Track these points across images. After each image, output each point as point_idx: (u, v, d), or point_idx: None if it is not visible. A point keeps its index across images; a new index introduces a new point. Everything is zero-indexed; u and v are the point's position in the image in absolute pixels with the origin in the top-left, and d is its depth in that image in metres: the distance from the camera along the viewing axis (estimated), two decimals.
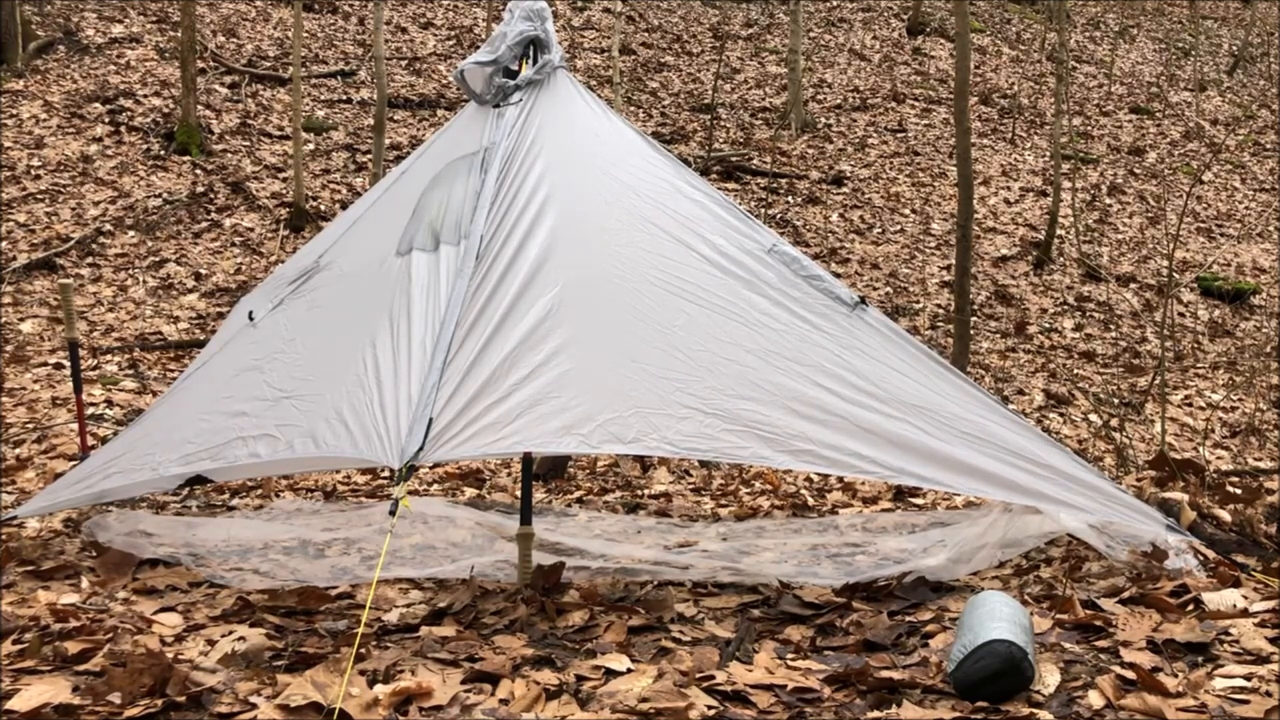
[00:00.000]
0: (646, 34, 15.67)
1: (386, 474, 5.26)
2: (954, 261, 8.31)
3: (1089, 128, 14.88)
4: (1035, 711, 2.15)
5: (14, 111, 10.70)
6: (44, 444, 5.57)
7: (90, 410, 5.97)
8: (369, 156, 10.51)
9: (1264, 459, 6.67)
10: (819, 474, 5.30)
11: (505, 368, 2.88)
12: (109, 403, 6.39)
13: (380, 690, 2.31)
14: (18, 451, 5.44)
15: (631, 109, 12.99)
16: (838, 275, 8.42)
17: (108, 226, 9.25)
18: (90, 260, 8.83)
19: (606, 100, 6.82)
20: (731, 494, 5.22)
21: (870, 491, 5.14)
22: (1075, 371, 8.76)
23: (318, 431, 2.92)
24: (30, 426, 5.84)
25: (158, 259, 8.98)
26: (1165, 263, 10.50)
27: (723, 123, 13.23)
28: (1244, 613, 2.55)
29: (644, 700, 2.28)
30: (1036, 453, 3.06)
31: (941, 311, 9.58)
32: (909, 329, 7.79)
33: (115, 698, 2.28)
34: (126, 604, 3.14)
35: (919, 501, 4.91)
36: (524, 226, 3.13)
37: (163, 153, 10.48)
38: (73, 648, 2.60)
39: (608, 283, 3.12)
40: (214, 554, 3.75)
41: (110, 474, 3.45)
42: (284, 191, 10.16)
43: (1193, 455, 6.29)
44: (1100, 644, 2.47)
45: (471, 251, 3.05)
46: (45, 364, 6.97)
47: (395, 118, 11.79)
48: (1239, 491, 3.80)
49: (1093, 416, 7.50)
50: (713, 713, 2.26)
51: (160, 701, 2.27)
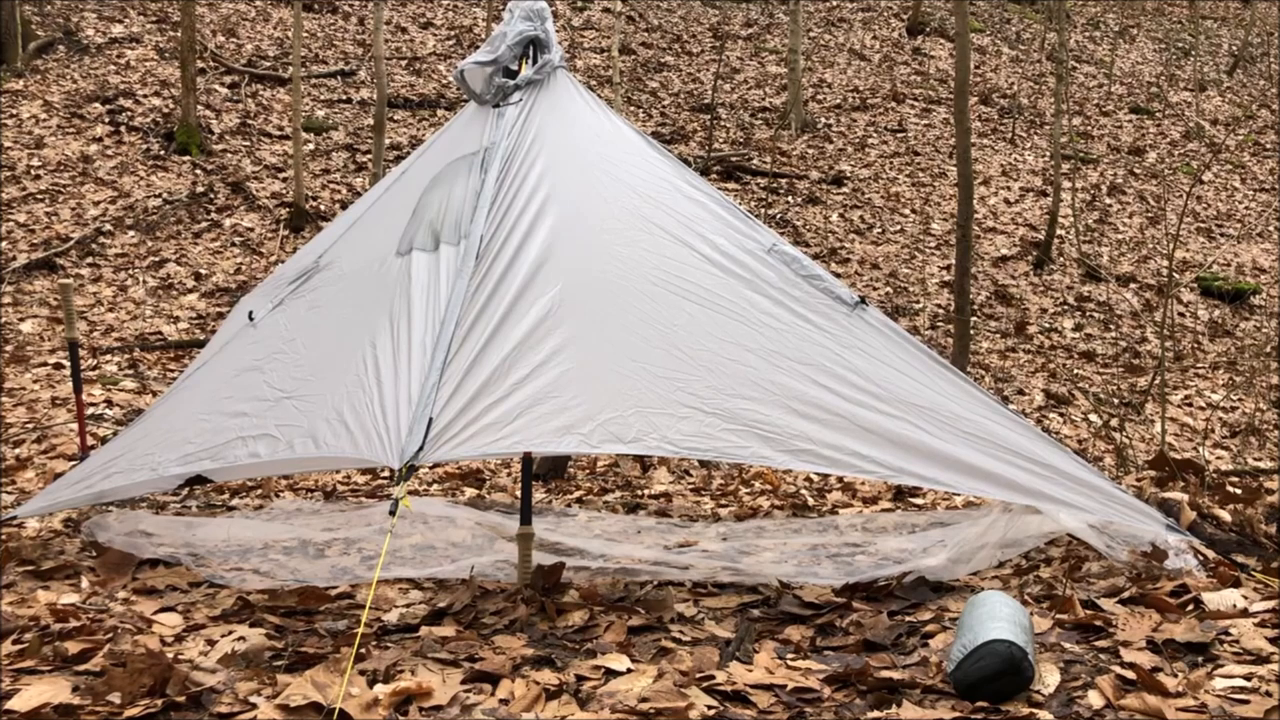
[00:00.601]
0: (646, 34, 15.67)
1: (386, 474, 5.25)
2: (954, 261, 8.31)
3: (1089, 128, 14.88)
4: (1035, 711, 2.15)
5: (14, 111, 10.70)
6: (44, 444, 5.57)
7: (90, 410, 5.97)
8: (369, 156, 10.51)
9: (1264, 459, 6.67)
10: (819, 474, 5.30)
11: (505, 368, 2.88)
12: (109, 403, 6.39)
13: (380, 690, 2.31)
14: (18, 451, 5.44)
15: (631, 109, 12.98)
16: (838, 275, 8.41)
17: (108, 226, 9.25)
18: (90, 260, 8.83)
19: (606, 100, 6.82)
20: (731, 494, 5.22)
21: (870, 491, 5.14)
22: (1075, 371, 8.75)
23: (318, 431, 2.92)
24: (30, 426, 5.84)
25: (158, 259, 8.98)
26: (1165, 263, 10.50)
27: (723, 123, 13.23)
28: (1244, 613, 2.55)
29: (644, 700, 2.28)
30: (1037, 452, 3.06)
31: (941, 311, 9.58)
32: (909, 329, 7.79)
33: (115, 698, 2.28)
34: (126, 604, 3.14)
35: (919, 501, 4.91)
36: (524, 226, 3.14)
37: (163, 153, 10.48)
38: (73, 648, 2.60)
39: (608, 282, 3.13)
40: (214, 554, 3.75)
41: (110, 474, 3.45)
42: (284, 191, 10.16)
43: (1193, 455, 6.29)
44: (1100, 644, 2.47)
45: (471, 251, 3.05)
46: (45, 364, 6.97)
47: (395, 118, 11.79)
48: (1239, 491, 3.80)
49: (1093, 416, 7.50)
50: (713, 713, 2.26)
51: (160, 701, 2.27)
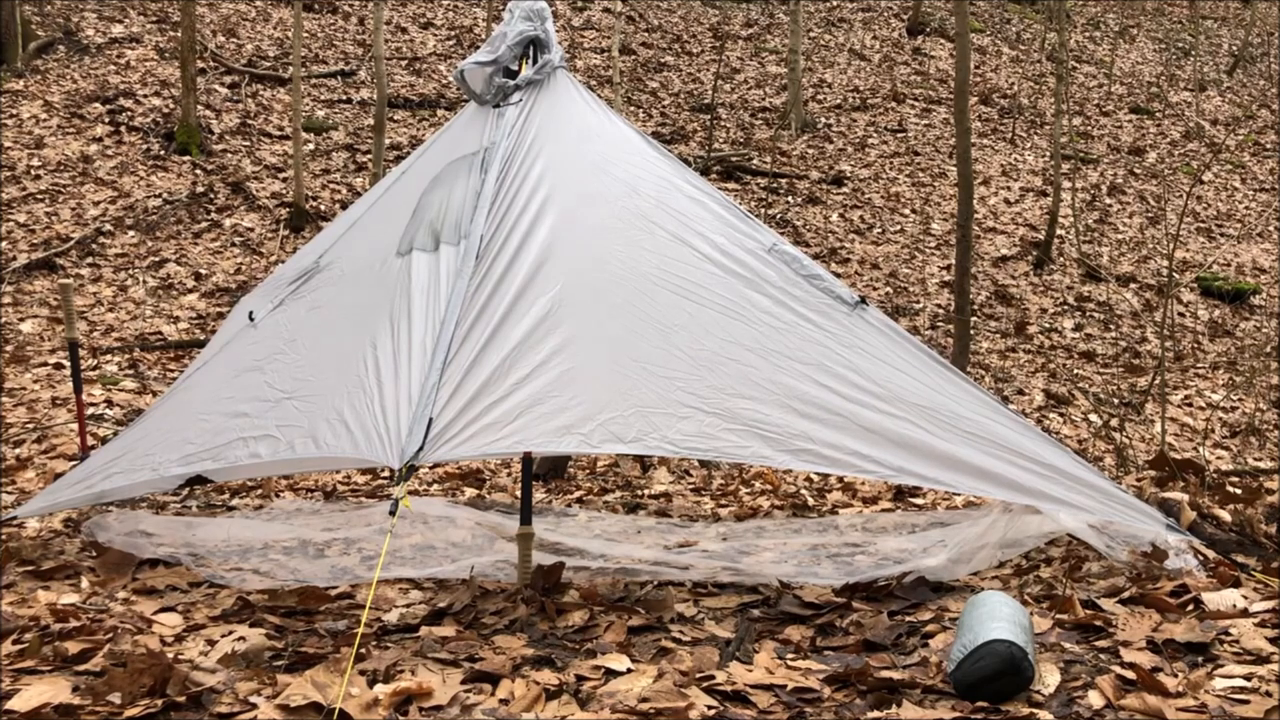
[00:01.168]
0: (646, 34, 15.67)
1: (386, 474, 5.25)
2: (954, 261, 8.31)
3: (1089, 128, 14.88)
4: (1035, 711, 2.15)
5: (14, 111, 10.70)
6: (44, 444, 5.57)
7: (90, 410, 5.97)
8: (369, 156, 10.51)
9: (1264, 459, 6.67)
10: (819, 474, 5.30)
11: (505, 367, 2.88)
12: (109, 403, 6.39)
13: (380, 690, 2.31)
14: (18, 451, 5.44)
15: (631, 109, 12.98)
16: (838, 275, 8.41)
17: (108, 226, 9.25)
18: (90, 260, 8.83)
19: (606, 100, 6.82)
20: (731, 494, 5.22)
21: (870, 491, 5.14)
22: (1075, 371, 8.75)
23: (318, 432, 2.92)
24: (30, 426, 5.84)
25: (158, 259, 8.98)
26: (1165, 263, 10.50)
27: (723, 123, 13.23)
28: (1244, 613, 2.55)
29: (644, 700, 2.28)
30: (1037, 452, 3.06)
31: (941, 311, 9.58)
32: (909, 329, 7.79)
33: (115, 698, 2.28)
34: (126, 604, 3.14)
35: (919, 501, 4.91)
36: (524, 226, 3.14)
37: (163, 153, 10.48)
38: (73, 648, 2.60)
39: (608, 282, 3.13)
40: (214, 554, 3.75)
41: (110, 474, 3.45)
42: (284, 191, 10.16)
43: (1193, 455, 6.29)
44: (1100, 644, 2.47)
45: (471, 251, 3.05)
46: (45, 364, 6.97)
47: (395, 118, 11.79)
48: (1239, 491, 3.80)
49: (1093, 416, 7.50)
50: (713, 713, 2.26)
51: (160, 701, 2.27)
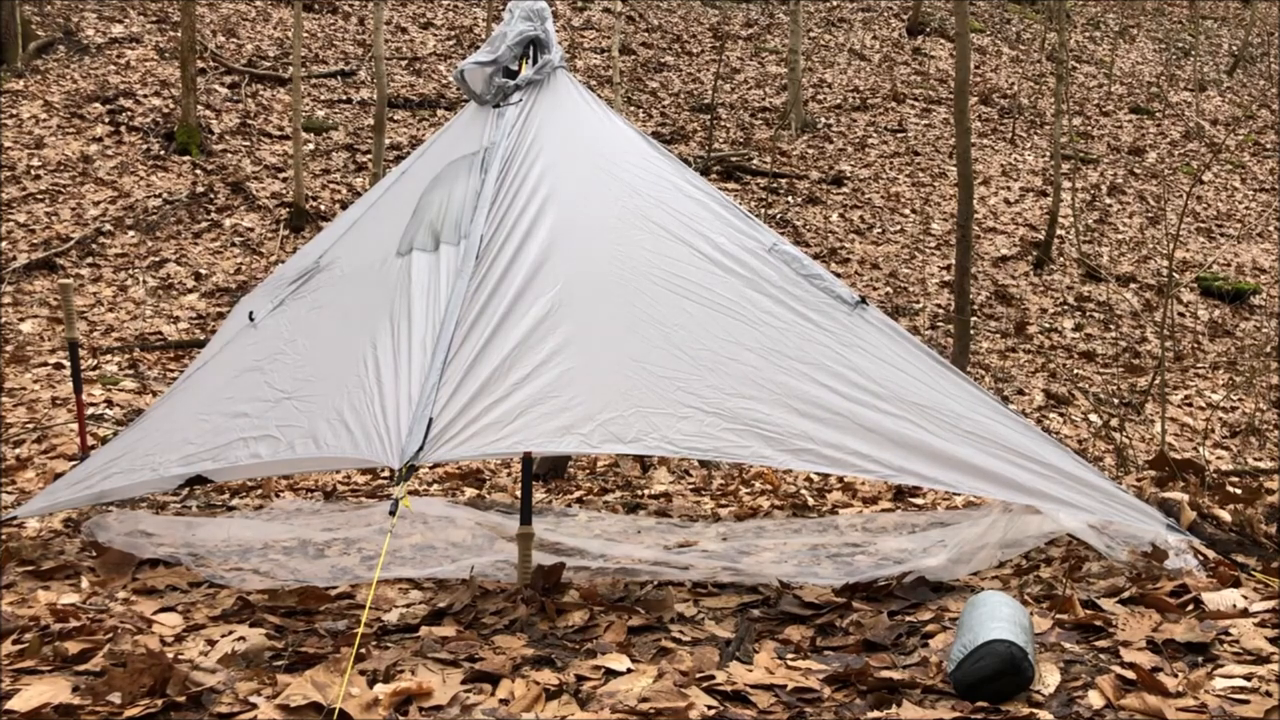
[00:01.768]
0: (646, 34, 15.67)
1: (386, 474, 5.25)
2: (954, 261, 8.31)
3: (1089, 128, 14.88)
4: (1035, 711, 2.15)
5: (14, 111, 10.70)
6: (44, 444, 5.57)
7: (90, 410, 5.97)
8: (369, 156, 10.51)
9: (1264, 459, 6.67)
10: (820, 473, 5.30)
11: (505, 367, 2.88)
12: (109, 403, 6.39)
13: (380, 690, 2.31)
14: (18, 451, 5.43)
15: (631, 109, 12.98)
16: (838, 275, 8.41)
17: (108, 226, 9.25)
18: (90, 260, 8.83)
19: (606, 100, 6.82)
20: (731, 494, 5.22)
21: (870, 491, 5.14)
22: (1075, 371, 8.75)
23: (319, 432, 2.92)
24: (30, 426, 5.84)
25: (158, 259, 8.98)
26: (1165, 263, 10.50)
27: (723, 123, 13.23)
28: (1244, 613, 2.55)
29: (644, 700, 2.28)
30: (1038, 452, 3.06)
31: (941, 311, 9.58)
32: (909, 329, 7.78)
33: (115, 698, 2.28)
34: (126, 604, 3.14)
35: (919, 501, 4.91)
36: (524, 226, 3.13)
37: (163, 153, 10.48)
38: (73, 648, 2.60)
39: (608, 282, 3.12)
40: (214, 554, 3.75)
41: (110, 474, 3.45)
42: (284, 191, 10.15)
43: (1193, 455, 6.29)
44: (1100, 644, 2.47)
45: (471, 251, 3.05)
46: (45, 364, 6.97)
47: (395, 118, 11.79)
48: (1239, 491, 3.80)
49: (1093, 416, 7.50)
50: (713, 713, 2.26)
51: (160, 701, 2.27)
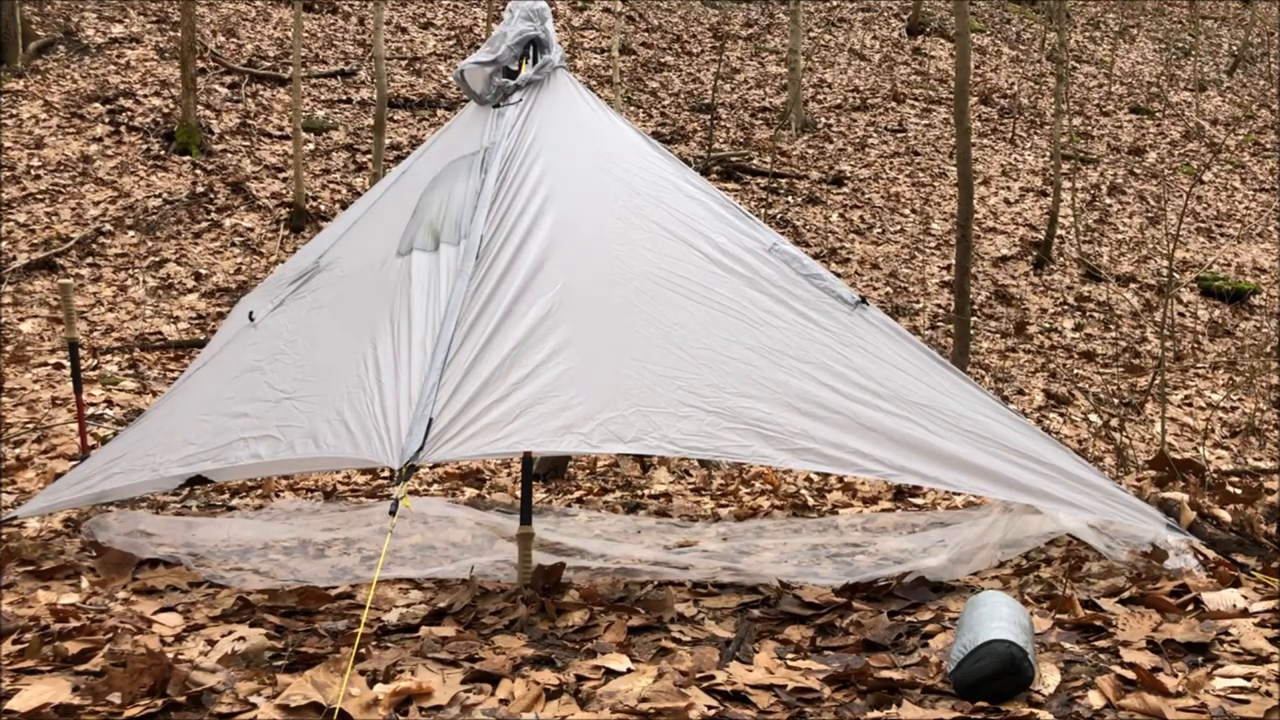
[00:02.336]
0: (646, 34, 15.67)
1: (386, 474, 5.25)
2: (954, 261, 8.31)
3: (1089, 128, 14.88)
4: (1035, 711, 2.15)
5: (14, 111, 10.70)
6: (44, 444, 5.57)
7: (90, 410, 5.97)
8: (369, 156, 10.51)
9: (1264, 459, 6.67)
10: (820, 473, 5.30)
11: (505, 367, 2.88)
12: (109, 403, 6.39)
13: (380, 690, 2.31)
14: (18, 451, 5.43)
15: (631, 109, 12.98)
16: (838, 275, 8.40)
17: (108, 226, 9.25)
18: (90, 260, 8.83)
19: (606, 100, 6.82)
20: (731, 494, 5.22)
21: (870, 491, 5.14)
22: (1075, 371, 8.75)
23: (319, 432, 2.92)
24: (30, 426, 5.84)
25: (158, 259, 8.98)
26: (1165, 263, 10.50)
27: (723, 123, 13.23)
28: (1244, 613, 2.55)
29: (644, 700, 2.28)
30: (1038, 451, 3.06)
31: (941, 311, 9.58)
32: (909, 329, 7.78)
33: (115, 698, 2.28)
34: (126, 604, 3.14)
35: (919, 501, 4.91)
36: (524, 226, 3.13)
37: (163, 153, 10.48)
38: (73, 648, 2.60)
39: (608, 282, 3.12)
40: (214, 554, 3.75)
41: (111, 474, 3.45)
42: (284, 191, 10.15)
43: (1193, 455, 6.29)
44: (1100, 644, 2.47)
45: (471, 251, 3.05)
46: (45, 364, 6.97)
47: (395, 118, 11.79)
48: (1239, 491, 3.80)
49: (1093, 416, 7.50)
50: (713, 713, 2.26)
51: (160, 701, 2.27)
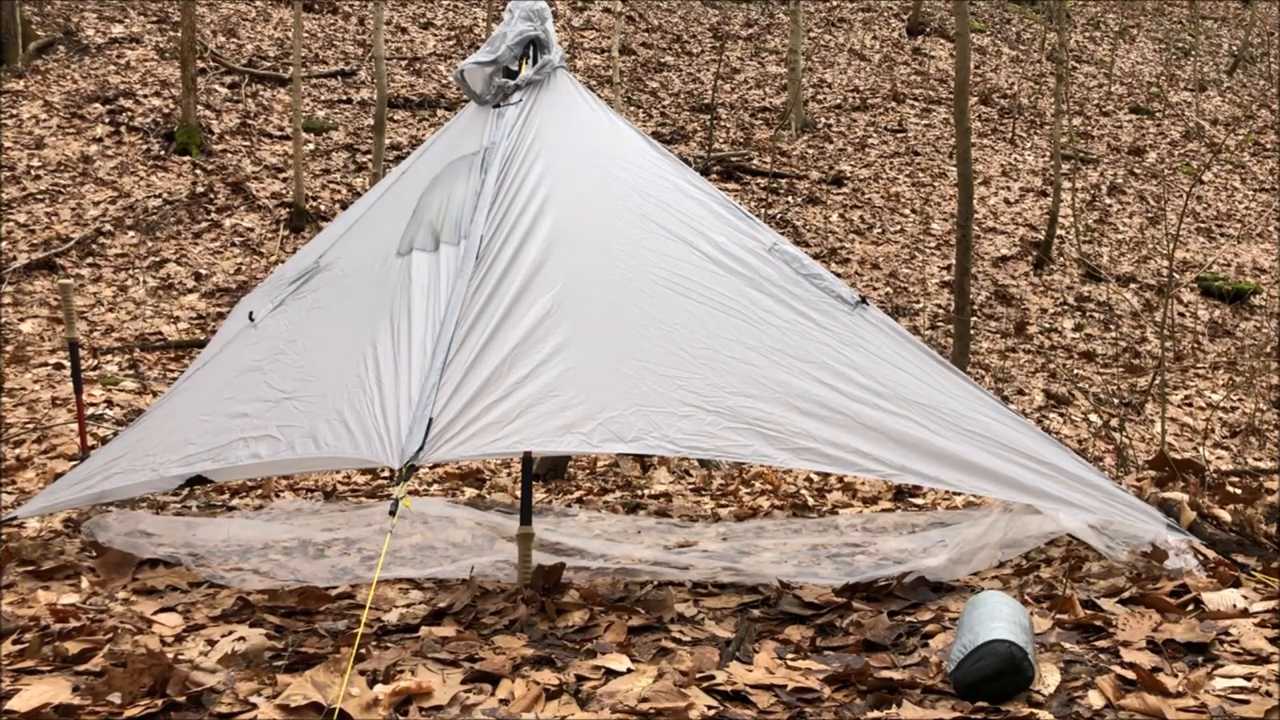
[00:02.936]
0: (646, 34, 15.67)
1: (386, 474, 5.25)
2: (954, 261, 8.31)
3: (1089, 128, 14.88)
4: (1035, 711, 2.15)
5: (14, 111, 10.70)
6: (44, 444, 5.57)
7: (90, 410, 5.97)
8: (369, 156, 10.51)
9: (1264, 459, 6.67)
10: (820, 473, 5.30)
11: (505, 367, 2.88)
12: (109, 403, 6.39)
13: (380, 690, 2.31)
14: (18, 451, 5.43)
15: (631, 109, 12.98)
16: (838, 275, 8.40)
17: (108, 226, 9.25)
18: (90, 260, 8.83)
19: (606, 100, 6.82)
20: (731, 494, 5.22)
21: (870, 491, 5.14)
22: (1075, 371, 8.75)
23: (319, 432, 2.92)
24: (30, 426, 5.84)
25: (158, 259, 8.98)
26: (1165, 263, 10.50)
27: (723, 123, 13.23)
28: (1244, 613, 2.55)
29: (644, 700, 2.28)
30: (1038, 451, 3.06)
31: (941, 311, 9.58)
32: (909, 329, 7.78)
33: (115, 698, 2.28)
34: (126, 604, 3.14)
35: (919, 501, 4.91)
36: (524, 226, 3.13)
37: (163, 153, 10.48)
38: (73, 648, 2.60)
39: (608, 281, 3.13)
40: (214, 554, 3.75)
41: (111, 474, 3.45)
42: (284, 191, 10.15)
43: (1193, 455, 6.29)
44: (1100, 644, 2.47)
45: (471, 251, 3.05)
46: (45, 364, 6.97)
47: (395, 118, 11.79)
48: (1239, 491, 3.79)
49: (1093, 416, 7.50)
50: (713, 713, 2.26)
51: (160, 701, 2.27)
